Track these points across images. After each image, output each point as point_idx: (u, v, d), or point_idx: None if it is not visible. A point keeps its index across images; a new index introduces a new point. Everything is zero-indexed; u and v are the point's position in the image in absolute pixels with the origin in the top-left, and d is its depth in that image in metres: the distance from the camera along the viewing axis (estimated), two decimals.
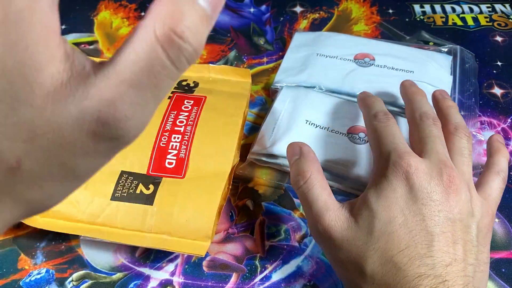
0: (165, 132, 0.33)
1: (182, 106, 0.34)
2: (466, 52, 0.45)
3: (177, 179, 0.31)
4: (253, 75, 0.45)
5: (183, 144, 0.32)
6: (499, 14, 0.52)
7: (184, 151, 0.32)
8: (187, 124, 0.33)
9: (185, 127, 0.33)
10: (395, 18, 0.51)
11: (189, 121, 0.33)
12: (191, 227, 0.29)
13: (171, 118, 0.33)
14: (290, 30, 0.50)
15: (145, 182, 0.31)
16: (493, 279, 0.31)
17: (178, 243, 0.29)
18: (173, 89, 0.36)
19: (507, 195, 0.36)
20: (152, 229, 0.29)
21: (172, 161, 0.31)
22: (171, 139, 0.32)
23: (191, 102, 0.35)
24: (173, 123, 0.33)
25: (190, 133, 0.33)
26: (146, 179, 0.31)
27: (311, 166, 0.27)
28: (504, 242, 0.33)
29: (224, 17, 0.52)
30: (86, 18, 0.52)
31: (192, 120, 0.34)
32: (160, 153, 0.32)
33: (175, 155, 0.32)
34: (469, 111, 0.40)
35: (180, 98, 0.35)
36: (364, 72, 0.41)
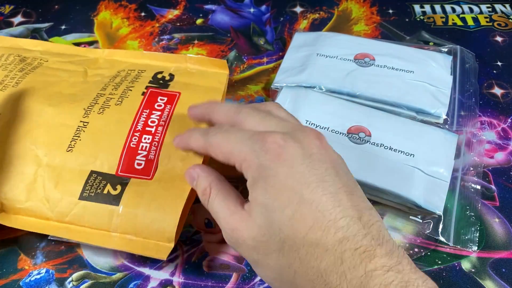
0: (136, 132, 0.32)
1: (155, 104, 0.34)
2: (466, 52, 0.45)
3: (145, 180, 0.30)
4: (253, 75, 0.45)
5: (153, 145, 0.32)
6: (499, 14, 0.52)
7: (153, 152, 0.31)
8: (158, 124, 0.32)
9: (157, 128, 0.32)
10: (395, 18, 0.51)
11: (161, 121, 0.33)
12: (155, 228, 0.29)
13: (143, 118, 0.33)
14: (290, 30, 0.50)
15: (113, 182, 0.30)
16: (493, 279, 0.31)
17: (142, 244, 0.29)
18: (148, 84, 0.35)
19: (507, 195, 0.36)
20: (118, 229, 0.29)
21: (141, 162, 0.31)
22: (141, 140, 0.32)
23: (164, 100, 0.34)
24: (145, 123, 0.33)
25: (160, 134, 0.32)
26: (114, 180, 0.30)
27: (207, 181, 0.26)
28: (504, 242, 0.33)
29: (224, 17, 0.52)
30: (86, 18, 0.52)
31: (164, 120, 0.33)
32: (130, 153, 0.31)
33: (144, 156, 0.31)
34: (469, 111, 0.40)
35: (154, 95, 0.34)
36: (364, 72, 0.41)
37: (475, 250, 0.32)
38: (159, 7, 0.53)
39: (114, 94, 0.34)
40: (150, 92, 0.34)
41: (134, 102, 0.34)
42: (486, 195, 0.36)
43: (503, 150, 0.39)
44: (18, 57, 0.38)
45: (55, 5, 0.54)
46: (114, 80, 0.36)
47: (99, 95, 0.34)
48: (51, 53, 0.39)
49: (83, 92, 0.35)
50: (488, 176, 0.37)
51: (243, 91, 0.44)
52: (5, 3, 0.55)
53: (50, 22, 0.52)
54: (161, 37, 0.49)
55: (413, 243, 0.33)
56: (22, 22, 0.52)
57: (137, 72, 0.37)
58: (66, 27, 0.51)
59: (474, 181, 0.35)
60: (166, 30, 0.50)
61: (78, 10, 0.53)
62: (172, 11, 0.53)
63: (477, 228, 0.33)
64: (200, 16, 0.52)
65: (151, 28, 0.51)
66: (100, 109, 0.33)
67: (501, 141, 0.39)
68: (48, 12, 0.53)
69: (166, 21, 0.51)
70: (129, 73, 0.37)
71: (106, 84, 0.35)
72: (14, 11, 0.53)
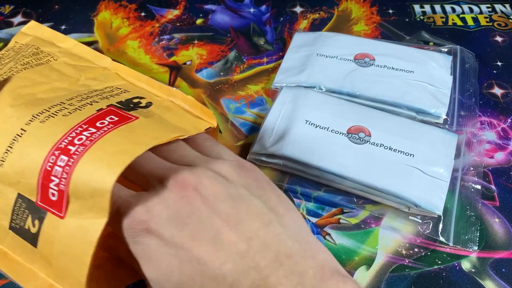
0: (56, 150, 0.25)
1: (98, 122, 0.26)
2: (466, 52, 0.45)
3: (58, 218, 0.24)
4: (253, 75, 0.45)
5: (64, 171, 0.24)
6: (499, 14, 0.52)
7: (64, 180, 0.24)
8: (82, 143, 0.25)
9: (78, 147, 0.25)
10: (395, 18, 0.51)
11: (87, 140, 0.25)
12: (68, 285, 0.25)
13: (74, 133, 0.25)
14: (290, 30, 0.50)
15: (33, 214, 0.25)
16: (493, 279, 0.31)
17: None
18: (115, 103, 0.29)
19: (507, 195, 0.36)
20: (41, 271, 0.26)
21: (54, 192, 0.24)
22: (57, 162, 0.24)
23: (113, 119, 0.27)
24: (71, 141, 0.25)
25: (78, 156, 0.24)
26: (35, 210, 0.25)
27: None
28: (504, 242, 0.33)
29: (224, 17, 0.52)
30: (86, 18, 0.52)
31: (91, 139, 0.25)
32: (45, 178, 0.25)
33: (56, 184, 0.24)
34: (469, 111, 0.40)
35: (107, 113, 0.27)
36: (364, 72, 0.41)
37: (476, 250, 0.32)
38: (159, 7, 0.53)
39: (72, 105, 0.29)
40: (107, 110, 0.28)
41: (81, 116, 0.27)
42: (486, 195, 0.36)
43: (503, 150, 0.39)
44: (35, 50, 0.37)
45: (55, 5, 0.54)
46: (90, 94, 0.31)
47: (59, 103, 0.29)
48: (67, 53, 0.37)
49: (53, 99, 0.30)
50: (488, 176, 0.37)
51: (243, 91, 0.44)
52: (5, 3, 0.55)
53: (50, 22, 0.52)
54: (161, 37, 0.49)
55: (413, 243, 0.33)
56: (22, 22, 0.52)
57: (120, 91, 0.32)
58: (66, 27, 0.51)
59: (474, 181, 0.35)
60: (166, 30, 0.50)
61: (78, 10, 0.53)
62: (172, 11, 0.53)
63: (477, 228, 0.33)
64: (200, 16, 0.52)
65: (151, 28, 0.51)
66: (45, 118, 0.27)
67: (501, 141, 0.39)
68: (48, 12, 0.53)
69: (166, 21, 0.51)
70: (112, 90, 0.32)
71: (78, 95, 0.30)
72: (14, 11, 0.53)
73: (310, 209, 0.35)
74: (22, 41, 0.38)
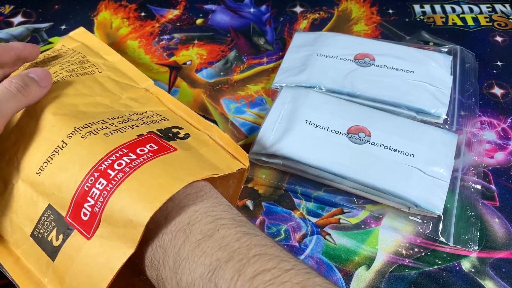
0: (96, 172, 0.25)
1: (138, 148, 0.26)
2: (466, 52, 0.45)
3: (84, 238, 0.24)
4: (253, 75, 0.45)
5: (102, 195, 0.24)
6: (499, 14, 0.52)
7: (100, 204, 0.24)
8: (121, 170, 0.25)
9: (118, 173, 0.25)
10: (395, 18, 0.51)
11: (127, 166, 0.25)
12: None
13: (114, 157, 0.26)
14: (290, 30, 0.50)
15: (59, 228, 0.25)
16: (493, 279, 0.31)
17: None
18: (155, 131, 0.29)
19: (507, 195, 0.36)
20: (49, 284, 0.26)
21: (87, 213, 0.24)
22: (96, 184, 0.25)
23: (153, 148, 0.27)
24: (110, 164, 0.25)
25: (116, 182, 0.24)
26: (62, 225, 0.25)
27: None
28: (504, 242, 0.33)
29: (224, 17, 0.52)
30: (86, 18, 0.52)
31: (131, 166, 0.25)
32: (81, 197, 0.25)
33: (91, 205, 0.24)
34: (469, 111, 0.40)
35: (148, 140, 0.28)
36: (364, 72, 0.41)
37: (476, 249, 0.32)
38: (159, 7, 0.53)
39: (114, 125, 0.29)
40: (148, 137, 0.28)
41: (122, 139, 0.27)
42: (486, 195, 0.36)
43: (503, 150, 0.39)
44: (82, 58, 0.37)
45: (55, 5, 0.54)
46: (131, 116, 0.31)
47: (101, 121, 0.29)
48: (111, 67, 0.37)
49: (95, 114, 0.30)
50: (488, 176, 0.37)
51: (243, 91, 0.44)
52: (5, 3, 0.55)
53: (50, 22, 0.52)
54: (161, 37, 0.49)
55: (413, 243, 0.33)
56: (22, 22, 0.52)
57: (160, 117, 0.32)
58: (66, 27, 0.51)
59: (474, 181, 0.35)
60: (166, 30, 0.50)
61: (78, 10, 0.53)
62: (172, 11, 0.53)
63: (478, 227, 0.33)
64: (200, 16, 0.52)
65: (151, 28, 0.51)
66: (87, 134, 0.28)
67: (501, 141, 0.39)
68: (48, 12, 0.53)
69: (166, 21, 0.51)
70: (152, 115, 0.32)
71: (120, 116, 0.30)
72: (14, 11, 0.53)
73: (310, 209, 0.35)
74: (69, 45, 0.38)
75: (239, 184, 0.32)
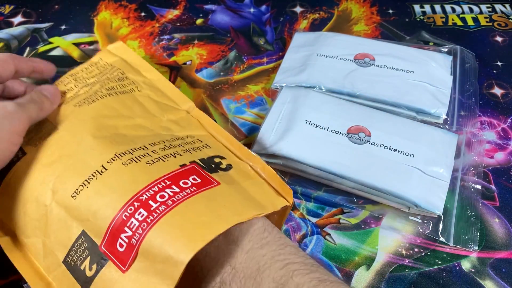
0: (136, 202, 0.24)
1: (181, 181, 0.26)
2: (466, 52, 0.45)
3: (119, 270, 0.23)
4: (253, 75, 0.45)
5: (141, 227, 0.23)
6: (499, 14, 0.52)
7: (138, 236, 0.23)
8: (164, 202, 0.24)
9: (160, 205, 0.24)
10: (395, 18, 0.51)
11: (169, 200, 0.24)
12: None
13: (156, 188, 0.25)
14: (290, 30, 0.50)
15: (93, 257, 0.24)
16: (493, 279, 0.31)
17: None
18: (197, 160, 0.28)
19: (507, 195, 0.36)
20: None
21: (123, 244, 0.23)
22: (135, 214, 0.24)
23: (196, 181, 0.26)
24: (153, 195, 0.24)
25: (158, 215, 0.23)
26: (95, 254, 0.24)
27: None
28: (504, 242, 0.33)
29: (224, 17, 0.52)
30: (86, 18, 0.52)
31: (174, 200, 0.24)
32: (118, 226, 0.24)
33: (128, 237, 0.23)
34: (469, 111, 0.40)
35: (191, 172, 0.27)
36: (364, 72, 0.41)
37: (476, 249, 0.32)
38: (159, 7, 0.53)
39: (156, 152, 0.28)
40: (191, 168, 0.27)
41: (165, 169, 0.26)
42: (486, 195, 0.36)
43: (503, 150, 0.39)
44: (121, 74, 0.35)
45: (55, 5, 0.54)
46: (172, 142, 0.30)
47: (143, 147, 0.28)
48: (151, 85, 0.36)
49: (136, 138, 0.29)
50: (488, 176, 0.37)
51: (243, 91, 0.44)
52: (5, 3, 0.55)
53: (50, 22, 0.52)
54: (161, 37, 0.49)
55: (413, 243, 0.33)
56: (22, 22, 0.52)
57: (202, 144, 0.31)
58: (66, 27, 0.51)
59: (474, 181, 0.35)
60: (166, 30, 0.50)
61: (78, 10, 0.53)
62: (172, 11, 0.53)
63: (478, 227, 0.33)
64: (200, 16, 0.52)
65: (151, 28, 0.51)
66: (128, 161, 0.27)
67: (501, 141, 0.39)
68: (48, 12, 0.53)
69: (166, 21, 0.51)
70: (194, 142, 0.31)
71: (161, 141, 0.29)
72: (14, 11, 0.53)
73: (310, 209, 0.35)
74: (108, 59, 0.37)
75: (281, 219, 0.31)
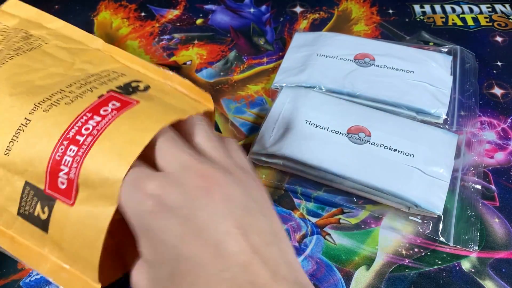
0: (65, 140, 0.26)
1: (101, 109, 0.27)
2: (466, 52, 0.45)
3: (67, 205, 0.25)
4: (253, 75, 0.45)
5: (75, 161, 0.25)
6: (499, 14, 0.52)
7: (74, 169, 0.25)
8: (90, 133, 0.26)
9: (86, 137, 0.26)
10: (395, 18, 0.51)
11: (94, 129, 0.26)
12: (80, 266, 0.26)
13: (80, 123, 0.26)
14: (290, 30, 0.50)
15: (42, 201, 0.26)
16: (493, 279, 0.31)
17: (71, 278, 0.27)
18: (114, 88, 0.30)
19: (507, 195, 0.36)
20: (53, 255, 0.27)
21: (64, 181, 0.25)
22: (67, 151, 0.25)
23: (116, 105, 0.27)
24: (78, 130, 0.26)
25: (87, 146, 0.25)
26: (43, 198, 0.26)
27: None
28: (504, 242, 0.33)
29: (224, 17, 0.52)
30: (86, 18, 0.52)
31: (98, 129, 0.26)
32: (54, 167, 0.25)
33: (66, 173, 0.25)
34: (469, 111, 0.40)
35: (109, 99, 0.28)
36: (364, 72, 0.41)
37: (476, 249, 0.32)
38: (159, 7, 0.53)
39: (73, 92, 0.29)
40: (108, 96, 0.29)
41: (84, 104, 0.28)
42: (486, 195, 0.36)
43: (503, 150, 0.39)
44: (24, 34, 0.36)
45: (55, 5, 0.54)
46: (88, 79, 0.31)
47: (59, 91, 0.30)
48: (57, 34, 0.36)
49: (52, 85, 0.30)
50: (488, 176, 0.37)
51: (243, 91, 0.44)
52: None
53: None
54: (161, 37, 0.49)
55: (413, 243, 0.33)
56: None
57: (117, 75, 0.32)
58: None
59: (474, 181, 0.35)
60: (166, 30, 0.50)
61: (78, 10, 0.53)
62: (172, 11, 0.53)
63: (478, 227, 0.33)
64: (200, 16, 0.52)
65: (151, 28, 0.51)
66: (48, 107, 0.28)
67: (501, 141, 0.39)
68: (48, 12, 0.53)
69: (166, 21, 0.51)
70: (109, 74, 0.32)
71: (77, 81, 0.31)
72: None
73: (310, 209, 0.35)
74: (8, 22, 0.37)
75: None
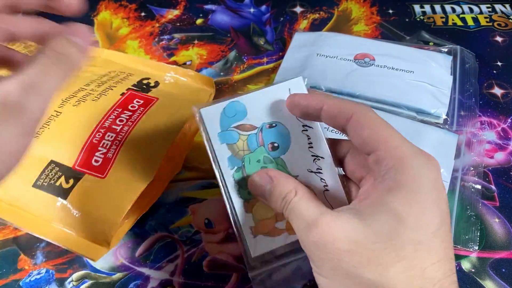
0: (101, 128, 0.32)
1: (129, 105, 0.33)
2: (466, 52, 0.45)
3: (98, 178, 0.30)
4: (253, 75, 0.45)
5: (114, 144, 0.31)
6: (499, 14, 0.52)
7: (113, 150, 0.31)
8: (125, 124, 0.32)
9: (123, 127, 0.32)
10: (395, 18, 0.51)
11: (129, 121, 0.32)
12: (94, 230, 0.29)
13: (113, 116, 0.32)
14: (290, 30, 0.50)
15: (67, 175, 0.30)
16: (493, 279, 0.31)
17: (77, 242, 0.29)
18: (131, 86, 0.35)
19: (507, 195, 0.36)
20: (60, 222, 0.29)
21: (99, 159, 0.30)
22: (105, 137, 0.31)
23: (140, 102, 0.34)
24: (113, 121, 0.32)
25: (125, 133, 0.31)
26: (70, 173, 0.30)
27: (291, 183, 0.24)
28: (504, 242, 0.33)
29: (224, 18, 0.52)
30: (86, 18, 0.52)
31: (132, 121, 0.32)
32: (90, 149, 0.31)
33: (103, 153, 0.31)
34: (469, 111, 0.40)
35: (132, 97, 0.34)
36: (364, 72, 0.41)
37: (476, 249, 0.32)
38: (159, 7, 0.53)
39: (95, 90, 0.34)
40: (129, 94, 0.34)
41: (110, 101, 0.33)
42: (486, 195, 0.36)
43: (503, 150, 0.39)
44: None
45: None
46: (101, 79, 0.36)
47: (81, 89, 0.34)
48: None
49: (71, 85, 0.35)
50: (488, 176, 0.37)
51: (243, 91, 0.44)
52: None
53: None
54: (161, 37, 0.49)
55: None
56: None
57: (125, 74, 0.37)
58: None
59: (474, 181, 0.35)
60: (166, 30, 0.50)
61: None
62: (172, 11, 0.53)
63: (478, 227, 0.33)
64: (200, 16, 0.52)
65: (151, 28, 0.51)
66: (77, 102, 0.33)
67: (501, 141, 0.39)
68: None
69: (166, 21, 0.51)
70: (118, 74, 0.37)
71: (92, 81, 0.35)
72: None
73: None
74: None
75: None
